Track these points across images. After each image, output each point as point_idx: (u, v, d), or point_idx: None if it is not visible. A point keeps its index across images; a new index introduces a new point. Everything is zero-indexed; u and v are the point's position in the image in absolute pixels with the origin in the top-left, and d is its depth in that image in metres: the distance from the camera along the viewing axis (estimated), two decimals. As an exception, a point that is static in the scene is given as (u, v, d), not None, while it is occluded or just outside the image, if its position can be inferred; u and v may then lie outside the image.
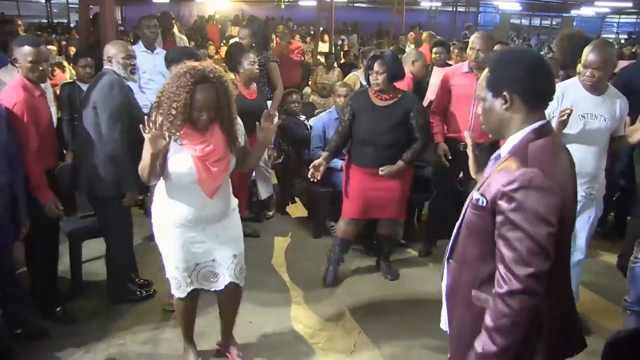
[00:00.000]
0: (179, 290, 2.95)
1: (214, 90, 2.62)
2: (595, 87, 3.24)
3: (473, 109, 4.00)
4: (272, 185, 5.34)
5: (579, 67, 3.28)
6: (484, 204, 1.68)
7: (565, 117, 2.99)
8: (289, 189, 5.41)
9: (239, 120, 2.95)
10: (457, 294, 1.88)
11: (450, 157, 4.10)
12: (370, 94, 3.89)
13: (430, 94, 5.25)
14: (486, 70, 1.81)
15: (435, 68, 5.81)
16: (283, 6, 19.49)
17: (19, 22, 6.67)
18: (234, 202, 3.05)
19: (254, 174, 5.05)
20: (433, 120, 4.22)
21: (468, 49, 4.05)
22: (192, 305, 3.11)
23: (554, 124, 3.37)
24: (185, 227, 2.79)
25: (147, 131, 2.48)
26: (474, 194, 1.74)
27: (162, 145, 2.54)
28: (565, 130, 3.13)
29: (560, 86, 3.32)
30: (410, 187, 4.16)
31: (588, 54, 3.16)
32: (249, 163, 3.08)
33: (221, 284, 2.97)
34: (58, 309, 3.57)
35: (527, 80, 1.69)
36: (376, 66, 3.76)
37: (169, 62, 3.66)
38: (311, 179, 3.80)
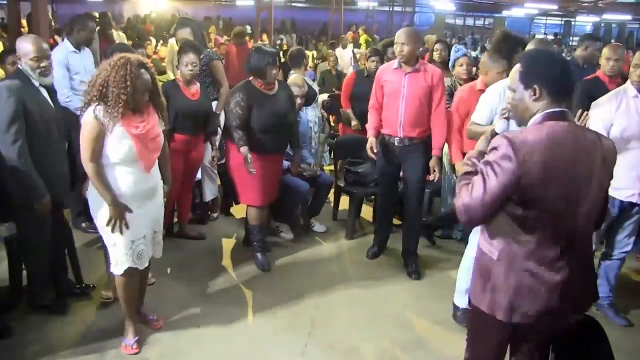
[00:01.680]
0: (117, 267, 3.13)
1: (149, 75, 3.00)
2: None
3: (402, 103, 4.07)
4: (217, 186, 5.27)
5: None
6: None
7: (506, 114, 3.07)
8: (233, 190, 5.34)
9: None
10: None
11: (375, 151, 4.20)
12: (257, 86, 4.11)
13: None
14: (518, 65, 2.13)
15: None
16: None
17: None
18: (161, 181, 3.33)
19: (199, 175, 4.95)
20: (369, 115, 4.33)
21: (395, 45, 4.09)
22: (134, 279, 3.24)
23: (496, 120, 3.47)
24: (125, 202, 3.04)
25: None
26: None
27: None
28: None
29: (501, 84, 3.41)
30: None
31: None
32: (165, 159, 3.39)
33: (146, 262, 3.24)
34: (-6, 322, 3.36)
35: (555, 78, 2.04)
36: (276, 61, 4.12)
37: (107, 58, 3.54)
38: (253, 172, 4.01)
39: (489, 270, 2.10)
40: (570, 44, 24.11)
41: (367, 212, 5.50)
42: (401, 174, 4.39)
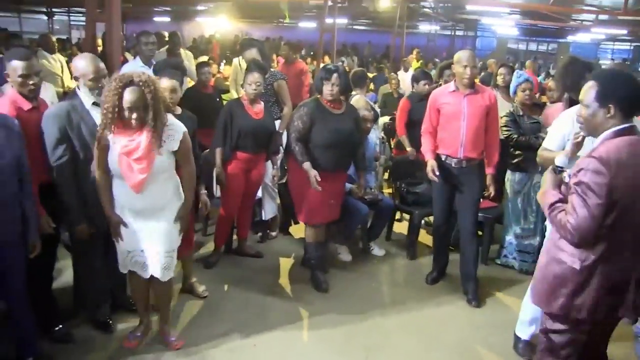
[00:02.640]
0: (121, 266, 3.31)
1: (139, 92, 2.92)
2: None
3: (464, 124, 4.10)
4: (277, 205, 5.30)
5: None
6: (567, 179, 2.40)
7: (580, 138, 2.98)
8: (292, 209, 5.37)
9: (175, 126, 3.17)
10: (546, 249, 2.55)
11: (437, 174, 4.15)
12: (323, 103, 4.16)
13: None
14: (591, 83, 2.34)
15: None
16: (287, 19, 19.55)
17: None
18: (173, 202, 3.24)
19: (259, 193, 5.00)
20: (424, 139, 4.32)
21: (460, 67, 4.08)
22: (137, 282, 3.39)
23: (568, 147, 3.36)
24: (122, 213, 3.17)
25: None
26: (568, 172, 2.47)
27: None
28: (581, 153, 3.11)
29: (573, 110, 3.30)
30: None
31: None
32: (183, 180, 3.32)
33: (149, 272, 3.26)
34: (57, 327, 3.44)
35: (630, 98, 2.27)
36: (334, 78, 4.08)
37: (155, 72, 3.65)
38: (319, 188, 4.03)
39: (568, 278, 2.33)
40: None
41: (425, 237, 5.41)
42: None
